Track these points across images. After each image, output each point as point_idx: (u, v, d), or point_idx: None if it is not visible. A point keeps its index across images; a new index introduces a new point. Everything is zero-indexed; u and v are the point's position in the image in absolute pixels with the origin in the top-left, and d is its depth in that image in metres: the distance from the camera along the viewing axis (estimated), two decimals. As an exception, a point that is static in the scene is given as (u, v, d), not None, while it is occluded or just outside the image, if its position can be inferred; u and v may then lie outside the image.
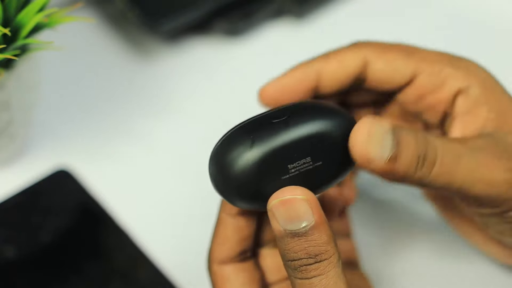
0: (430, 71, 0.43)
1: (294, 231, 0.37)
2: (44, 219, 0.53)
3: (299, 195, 0.38)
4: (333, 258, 0.38)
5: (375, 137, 0.37)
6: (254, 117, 0.40)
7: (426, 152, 0.39)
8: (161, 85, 0.61)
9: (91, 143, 0.57)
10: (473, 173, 0.40)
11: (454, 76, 0.42)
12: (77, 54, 0.62)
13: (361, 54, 0.44)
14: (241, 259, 0.43)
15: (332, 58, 0.44)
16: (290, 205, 0.37)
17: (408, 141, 0.38)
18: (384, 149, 0.38)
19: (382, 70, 0.43)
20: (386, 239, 0.52)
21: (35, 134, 0.57)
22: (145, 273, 0.51)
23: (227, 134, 0.39)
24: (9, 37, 0.46)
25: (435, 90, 0.42)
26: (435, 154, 0.39)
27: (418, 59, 0.43)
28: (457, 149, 0.40)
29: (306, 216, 0.37)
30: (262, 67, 0.62)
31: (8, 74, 0.48)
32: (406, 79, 0.43)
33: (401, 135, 0.38)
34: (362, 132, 0.38)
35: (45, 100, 0.58)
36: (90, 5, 0.65)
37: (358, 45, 0.45)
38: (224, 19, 0.63)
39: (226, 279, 0.42)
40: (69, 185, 0.55)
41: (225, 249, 0.42)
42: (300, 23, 0.65)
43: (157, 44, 0.63)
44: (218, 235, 0.43)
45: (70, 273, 0.51)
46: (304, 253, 0.37)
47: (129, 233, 0.53)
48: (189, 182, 0.55)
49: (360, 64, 0.44)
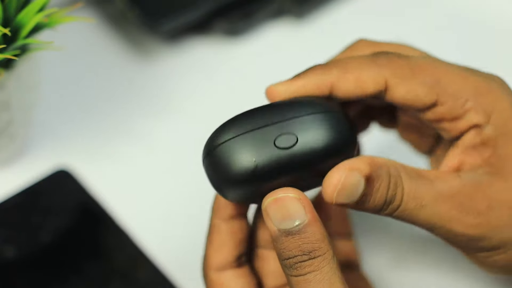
0: (452, 104, 0.41)
1: (287, 229, 0.38)
2: (44, 219, 0.53)
3: (291, 194, 0.38)
4: (327, 255, 0.38)
5: (346, 189, 0.39)
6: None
7: (393, 197, 0.40)
8: (161, 85, 0.61)
9: (91, 143, 0.57)
10: (433, 220, 0.41)
11: (475, 110, 0.41)
12: (77, 54, 0.62)
13: (382, 76, 0.41)
14: (237, 265, 0.43)
15: (350, 73, 0.41)
16: (283, 204, 0.38)
17: (378, 186, 0.40)
18: (354, 196, 0.39)
19: (402, 96, 0.41)
20: (386, 240, 0.52)
21: (35, 134, 0.57)
22: (145, 273, 0.51)
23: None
24: (9, 37, 0.46)
25: (453, 119, 0.42)
26: (400, 200, 0.40)
27: (442, 89, 0.41)
28: (424, 197, 0.40)
29: (298, 214, 0.38)
30: (262, 67, 0.62)
31: (8, 74, 0.48)
32: (427, 106, 0.42)
33: (374, 177, 0.40)
34: (334, 183, 0.39)
35: (45, 100, 0.58)
36: (90, 5, 0.65)
37: (381, 60, 0.42)
38: (224, 19, 0.63)
39: (224, 286, 0.42)
40: (69, 185, 0.55)
41: (222, 255, 0.43)
42: (300, 23, 0.65)
43: (157, 44, 0.63)
44: (213, 241, 0.43)
45: (70, 273, 0.51)
46: (298, 250, 0.38)
47: (129, 233, 0.53)
48: (189, 182, 0.55)
49: (379, 87, 0.41)
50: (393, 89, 0.41)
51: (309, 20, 0.65)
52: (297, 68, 0.48)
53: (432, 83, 0.41)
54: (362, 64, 0.42)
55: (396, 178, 0.40)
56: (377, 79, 0.41)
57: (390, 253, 0.52)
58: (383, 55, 0.42)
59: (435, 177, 0.41)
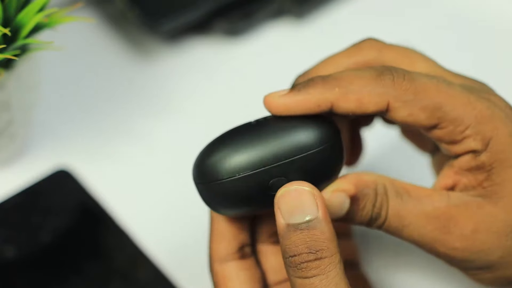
0: (451, 129, 0.41)
1: (297, 224, 0.37)
2: (44, 219, 0.53)
3: (306, 187, 0.38)
4: (335, 258, 0.37)
5: (331, 207, 0.41)
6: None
7: (378, 215, 0.41)
8: (161, 85, 0.61)
9: (91, 143, 0.57)
10: (417, 241, 0.42)
11: (474, 138, 0.41)
12: (77, 54, 0.62)
13: (385, 99, 0.41)
14: (241, 256, 0.43)
15: (352, 94, 0.40)
16: (296, 196, 0.38)
17: (364, 206, 0.41)
18: (339, 214, 0.41)
19: (403, 119, 0.41)
20: (386, 240, 0.52)
21: (35, 134, 0.57)
22: (145, 273, 0.51)
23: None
24: (9, 37, 0.46)
25: (451, 143, 0.42)
26: (384, 219, 0.42)
27: (444, 115, 0.41)
28: (406, 218, 0.41)
29: (310, 209, 0.38)
30: (262, 67, 0.62)
31: (8, 74, 0.48)
32: (426, 128, 0.42)
33: (361, 196, 0.41)
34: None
35: (45, 100, 0.58)
36: (90, 5, 0.65)
37: (385, 80, 0.41)
38: (224, 19, 0.63)
39: (228, 279, 0.42)
40: (69, 185, 0.55)
41: (223, 246, 0.42)
42: (300, 23, 0.65)
43: (157, 44, 0.63)
44: (214, 233, 0.43)
45: (70, 273, 0.51)
46: (305, 247, 0.37)
47: (129, 233, 0.53)
48: (189, 182, 0.55)
49: (381, 108, 0.41)
50: (395, 111, 0.41)
51: (309, 20, 0.65)
52: (297, 68, 0.48)
53: (434, 108, 0.41)
54: (365, 83, 0.41)
55: (382, 197, 0.41)
56: (380, 102, 0.41)
57: (390, 252, 0.52)
58: (388, 75, 0.41)
59: (423, 196, 0.42)
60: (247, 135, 0.40)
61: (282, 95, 0.41)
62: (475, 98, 0.41)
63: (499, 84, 0.46)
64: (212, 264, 0.43)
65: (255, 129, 0.40)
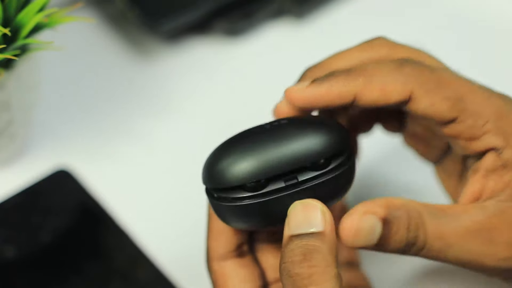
0: (471, 123, 0.41)
1: (300, 234, 0.37)
2: (44, 219, 0.53)
3: (318, 204, 0.38)
4: (330, 270, 0.36)
5: (362, 232, 0.39)
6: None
7: (415, 239, 0.40)
8: (161, 85, 0.61)
9: (91, 143, 0.57)
10: (463, 257, 0.40)
11: (494, 133, 0.41)
12: (77, 54, 0.62)
13: (408, 87, 0.40)
14: (239, 254, 0.43)
15: (376, 83, 0.40)
16: (308, 210, 0.38)
17: (397, 228, 0.39)
18: (371, 239, 0.39)
19: (424, 109, 0.41)
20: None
21: (35, 134, 0.57)
22: (145, 273, 0.51)
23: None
24: (9, 37, 0.46)
25: (470, 139, 0.41)
26: (424, 242, 0.40)
27: (464, 107, 0.40)
28: (449, 238, 0.40)
29: (317, 222, 0.37)
30: (262, 67, 0.62)
31: (8, 74, 0.48)
32: (446, 122, 0.41)
33: (392, 220, 0.39)
34: (348, 227, 0.39)
35: (45, 100, 0.58)
36: (90, 5, 0.65)
37: (408, 69, 0.41)
38: (224, 19, 0.63)
39: (227, 277, 0.42)
40: (69, 185, 0.55)
41: (221, 244, 0.42)
42: (300, 23, 0.65)
43: (157, 44, 0.63)
44: (211, 231, 0.43)
45: (70, 273, 0.51)
46: (300, 252, 0.37)
47: (129, 233, 0.53)
48: (189, 182, 0.55)
49: (404, 98, 0.41)
50: (417, 100, 0.40)
51: (309, 20, 0.65)
52: (297, 68, 0.48)
53: (456, 100, 0.40)
54: (388, 72, 0.41)
55: (416, 220, 0.40)
56: (403, 90, 0.40)
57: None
58: (409, 64, 0.41)
59: (460, 212, 0.40)
60: (262, 148, 0.39)
61: (304, 87, 0.41)
62: (493, 95, 0.41)
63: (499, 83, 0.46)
64: (210, 262, 0.43)
65: (269, 137, 0.39)
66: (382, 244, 0.39)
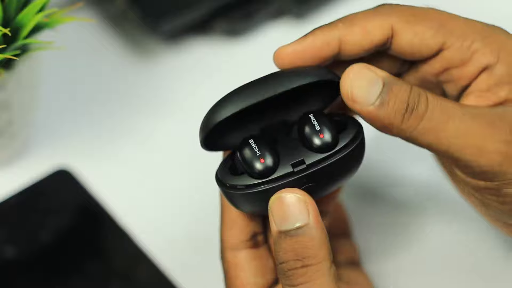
0: (459, 45, 0.41)
1: (287, 231, 0.37)
2: (44, 219, 0.53)
3: (298, 194, 0.38)
4: (322, 265, 0.37)
5: (363, 79, 0.38)
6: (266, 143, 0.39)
7: (416, 104, 0.38)
8: (161, 85, 0.61)
9: (91, 143, 0.57)
10: (462, 137, 0.39)
11: (483, 51, 0.40)
12: (77, 54, 0.62)
13: (388, 22, 0.41)
14: (253, 245, 0.42)
15: (356, 25, 0.41)
16: (288, 203, 0.37)
17: (399, 89, 0.38)
18: (371, 93, 0.38)
19: (409, 41, 0.41)
20: (386, 237, 0.52)
21: (35, 134, 0.57)
22: (145, 273, 0.51)
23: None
24: (9, 37, 0.46)
25: (461, 64, 0.41)
26: (426, 107, 0.38)
27: (448, 32, 0.41)
28: (451, 110, 0.39)
29: (301, 216, 0.37)
30: (262, 67, 0.62)
31: (8, 74, 0.48)
32: (434, 51, 0.41)
33: (393, 83, 0.38)
34: (350, 74, 0.38)
35: (45, 100, 0.58)
36: (90, 5, 0.65)
37: (385, 9, 0.41)
38: (224, 19, 0.62)
39: (240, 268, 0.42)
40: (69, 185, 0.55)
41: (235, 233, 0.42)
42: (300, 23, 0.65)
43: (157, 44, 0.63)
44: (225, 220, 0.42)
45: (70, 273, 0.51)
46: (293, 254, 0.37)
47: (129, 233, 0.53)
48: (189, 182, 0.55)
49: (386, 34, 0.41)
50: (400, 35, 0.41)
51: (309, 20, 0.65)
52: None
53: (438, 27, 0.41)
54: (367, 15, 0.41)
55: (418, 90, 0.39)
56: (384, 26, 0.41)
57: (390, 250, 0.52)
58: (386, 5, 0.42)
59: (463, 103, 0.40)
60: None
61: (290, 43, 0.41)
62: (472, 20, 0.42)
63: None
64: (224, 251, 0.42)
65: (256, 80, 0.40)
66: (381, 105, 0.38)
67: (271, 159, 0.38)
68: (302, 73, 0.39)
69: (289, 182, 0.38)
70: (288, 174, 0.38)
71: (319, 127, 0.39)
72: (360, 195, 0.54)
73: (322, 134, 0.38)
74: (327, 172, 0.39)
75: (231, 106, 0.39)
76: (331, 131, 0.39)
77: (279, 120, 0.41)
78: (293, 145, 0.39)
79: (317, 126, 0.39)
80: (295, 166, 0.38)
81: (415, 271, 0.51)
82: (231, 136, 0.41)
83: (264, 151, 0.38)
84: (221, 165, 0.40)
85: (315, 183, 0.38)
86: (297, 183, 0.38)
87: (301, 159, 0.38)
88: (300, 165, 0.38)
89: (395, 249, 0.52)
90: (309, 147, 0.39)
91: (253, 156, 0.38)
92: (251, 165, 0.38)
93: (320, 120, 0.39)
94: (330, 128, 0.39)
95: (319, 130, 0.38)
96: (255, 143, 0.39)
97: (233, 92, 0.40)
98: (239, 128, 0.41)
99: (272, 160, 0.38)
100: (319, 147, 0.38)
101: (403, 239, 0.52)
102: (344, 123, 0.40)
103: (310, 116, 0.39)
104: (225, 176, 0.40)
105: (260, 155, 0.38)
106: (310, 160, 0.38)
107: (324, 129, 0.39)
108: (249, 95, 0.39)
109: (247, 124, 0.41)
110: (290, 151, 0.39)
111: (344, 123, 0.40)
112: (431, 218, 0.53)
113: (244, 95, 0.39)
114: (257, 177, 0.38)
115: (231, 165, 0.40)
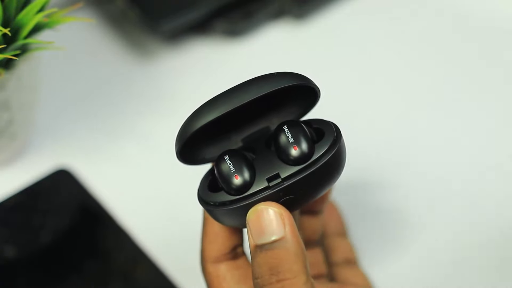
0: None
1: (264, 244, 0.37)
2: (44, 219, 0.53)
3: (273, 207, 0.37)
4: (297, 280, 0.36)
5: None
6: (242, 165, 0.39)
7: None
8: (161, 85, 0.61)
9: (91, 143, 0.57)
10: None
11: None
12: (77, 54, 0.62)
13: None
14: (233, 256, 0.43)
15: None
16: (263, 216, 0.37)
17: None
18: None
19: None
20: (385, 237, 0.52)
21: (35, 134, 0.57)
22: (145, 273, 0.51)
23: None
24: (9, 37, 0.46)
25: None
26: None
27: None
28: None
29: (277, 229, 0.37)
30: (262, 67, 0.62)
31: (8, 74, 0.48)
32: None
33: None
34: None
35: (45, 100, 0.58)
36: (90, 5, 0.65)
37: None
38: (224, 19, 0.63)
39: (222, 279, 0.42)
40: (69, 185, 0.55)
41: (216, 247, 0.42)
42: (300, 23, 0.65)
43: (157, 44, 0.63)
44: (207, 233, 0.43)
45: (70, 272, 0.51)
46: (268, 268, 0.37)
47: (129, 233, 0.53)
48: (189, 182, 0.55)
49: None
50: None
51: (309, 20, 0.65)
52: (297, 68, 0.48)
53: None
54: None
55: None
56: None
57: (389, 249, 0.52)
58: None
59: None
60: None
61: None
62: None
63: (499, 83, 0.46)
64: (205, 264, 0.43)
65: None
66: None
67: (246, 175, 0.38)
68: (277, 78, 0.38)
69: (265, 197, 0.38)
70: (263, 189, 0.38)
71: (293, 138, 0.38)
72: (357, 194, 0.54)
73: (295, 146, 0.37)
74: (304, 184, 0.38)
75: (206, 115, 0.38)
76: (307, 141, 0.38)
77: (261, 128, 0.41)
78: (270, 158, 0.38)
79: (291, 138, 0.38)
80: (270, 180, 0.38)
81: (415, 270, 0.51)
82: (212, 149, 0.41)
83: (239, 167, 0.38)
84: (202, 180, 0.40)
85: (293, 195, 0.38)
86: (273, 197, 0.38)
87: (276, 173, 0.38)
88: (275, 179, 0.38)
89: (394, 249, 0.52)
90: (285, 159, 0.38)
91: (228, 173, 0.38)
92: (227, 182, 0.38)
93: (294, 130, 0.38)
94: (305, 139, 0.38)
95: (293, 141, 0.38)
96: (230, 159, 0.38)
97: (209, 101, 0.39)
98: (219, 140, 0.40)
99: (248, 175, 0.38)
100: (294, 159, 0.38)
101: (403, 240, 0.52)
102: (322, 131, 0.39)
103: (284, 127, 0.38)
104: (204, 193, 0.39)
105: (234, 172, 0.38)
106: (285, 173, 0.38)
107: (298, 140, 0.38)
108: (225, 102, 0.38)
109: (228, 135, 0.41)
110: (266, 165, 0.38)
111: (322, 131, 0.39)
112: (430, 218, 0.53)
113: (220, 103, 0.38)
114: (233, 193, 0.38)
115: (211, 179, 0.40)
